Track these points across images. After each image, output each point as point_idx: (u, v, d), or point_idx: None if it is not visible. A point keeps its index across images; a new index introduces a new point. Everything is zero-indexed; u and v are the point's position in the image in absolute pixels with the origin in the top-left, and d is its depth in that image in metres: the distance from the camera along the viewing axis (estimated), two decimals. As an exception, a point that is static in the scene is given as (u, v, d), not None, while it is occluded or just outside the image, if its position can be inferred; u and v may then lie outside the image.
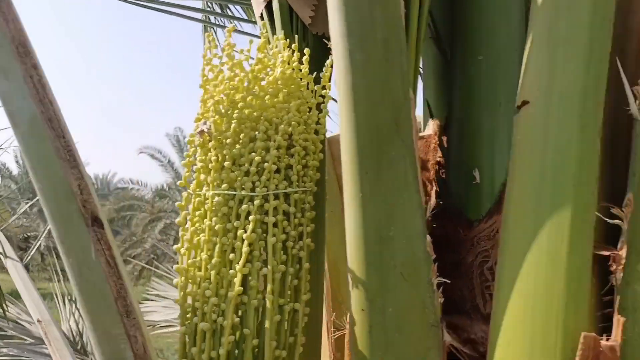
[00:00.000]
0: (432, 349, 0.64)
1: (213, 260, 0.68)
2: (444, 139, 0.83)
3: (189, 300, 0.69)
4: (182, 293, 0.69)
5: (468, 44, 0.78)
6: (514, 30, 0.75)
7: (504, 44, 0.75)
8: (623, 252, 0.64)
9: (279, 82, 0.76)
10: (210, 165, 0.72)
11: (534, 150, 0.60)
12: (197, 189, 0.72)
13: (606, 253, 0.66)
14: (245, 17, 2.57)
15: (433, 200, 0.83)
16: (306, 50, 0.80)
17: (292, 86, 0.78)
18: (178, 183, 0.76)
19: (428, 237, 0.65)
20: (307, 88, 0.79)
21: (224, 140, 0.72)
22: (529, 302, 0.58)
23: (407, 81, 0.66)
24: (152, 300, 4.43)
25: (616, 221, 0.66)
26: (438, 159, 0.84)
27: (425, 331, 0.64)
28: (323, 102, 0.80)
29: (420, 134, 0.75)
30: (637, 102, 0.67)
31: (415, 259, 0.64)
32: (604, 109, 0.71)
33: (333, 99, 0.82)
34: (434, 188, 0.83)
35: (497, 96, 0.74)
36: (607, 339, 0.55)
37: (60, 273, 3.02)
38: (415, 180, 0.65)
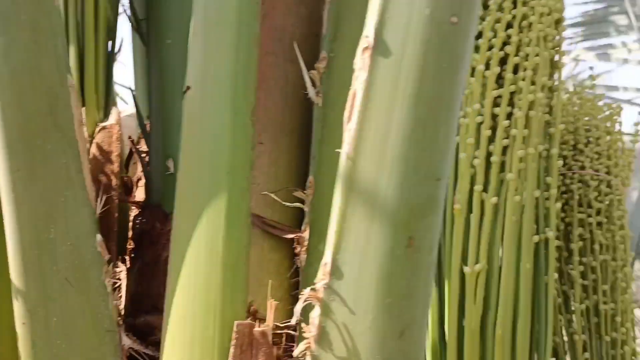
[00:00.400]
0: (108, 355, 0.60)
1: None
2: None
3: None
4: None
5: (160, 27, 0.74)
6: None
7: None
8: (306, 234, 0.65)
9: None
10: None
11: (194, 138, 0.58)
12: None
13: (291, 236, 0.67)
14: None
15: (139, 194, 0.79)
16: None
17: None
18: None
19: (99, 236, 0.60)
20: None
21: None
22: (190, 295, 0.56)
23: (65, 67, 0.60)
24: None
25: (297, 204, 0.67)
26: (145, 149, 0.80)
27: (100, 338, 0.59)
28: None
29: (102, 124, 0.70)
30: (315, 86, 0.68)
31: (83, 261, 0.59)
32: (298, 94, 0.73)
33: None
34: (139, 182, 0.79)
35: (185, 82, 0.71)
36: (260, 325, 0.55)
37: None
38: (79, 175, 0.60)
